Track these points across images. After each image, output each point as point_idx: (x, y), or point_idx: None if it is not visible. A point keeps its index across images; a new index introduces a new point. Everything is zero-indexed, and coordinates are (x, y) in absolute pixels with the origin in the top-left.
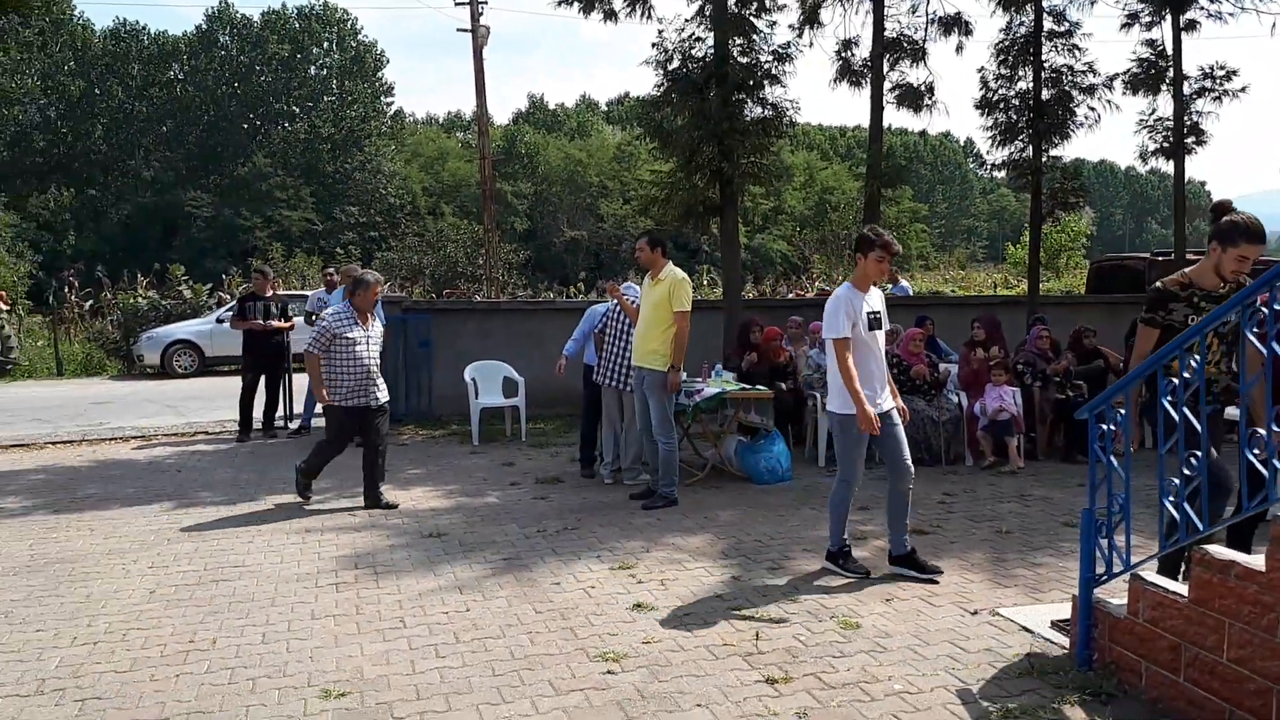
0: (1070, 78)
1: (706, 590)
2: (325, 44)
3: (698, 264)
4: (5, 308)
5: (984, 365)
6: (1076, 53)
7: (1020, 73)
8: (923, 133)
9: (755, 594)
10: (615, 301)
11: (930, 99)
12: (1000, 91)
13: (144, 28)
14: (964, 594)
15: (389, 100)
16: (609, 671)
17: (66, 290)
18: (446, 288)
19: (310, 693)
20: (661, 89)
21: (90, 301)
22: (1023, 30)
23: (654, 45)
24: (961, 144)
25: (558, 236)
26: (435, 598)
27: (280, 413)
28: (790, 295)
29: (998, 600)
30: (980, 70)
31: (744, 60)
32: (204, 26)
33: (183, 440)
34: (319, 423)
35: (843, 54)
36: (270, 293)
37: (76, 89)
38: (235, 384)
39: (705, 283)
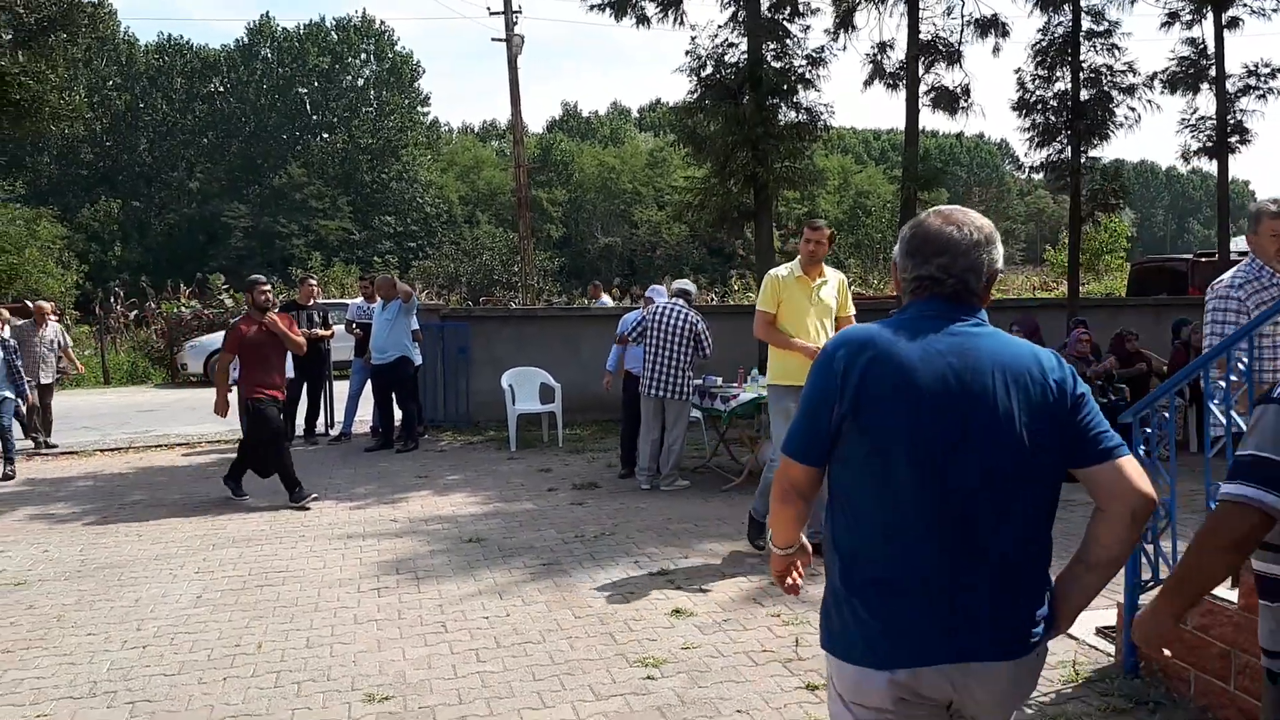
0: (1109, 77)
1: (745, 596)
2: (363, 55)
3: (731, 268)
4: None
5: None
6: (1116, 52)
7: (1058, 73)
8: (959, 135)
9: (794, 600)
10: (654, 308)
11: (966, 101)
12: (1038, 93)
13: (187, 42)
14: None
15: (425, 110)
16: (649, 677)
17: (113, 300)
18: (483, 295)
19: (354, 696)
20: (695, 95)
21: (135, 311)
22: (1060, 30)
23: (687, 53)
24: (997, 145)
25: (591, 243)
26: (475, 602)
27: (321, 420)
28: None
29: None
30: (1017, 71)
31: (777, 65)
32: (245, 40)
33: (227, 447)
34: (360, 429)
35: (877, 57)
36: (311, 301)
37: (122, 103)
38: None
39: (738, 288)
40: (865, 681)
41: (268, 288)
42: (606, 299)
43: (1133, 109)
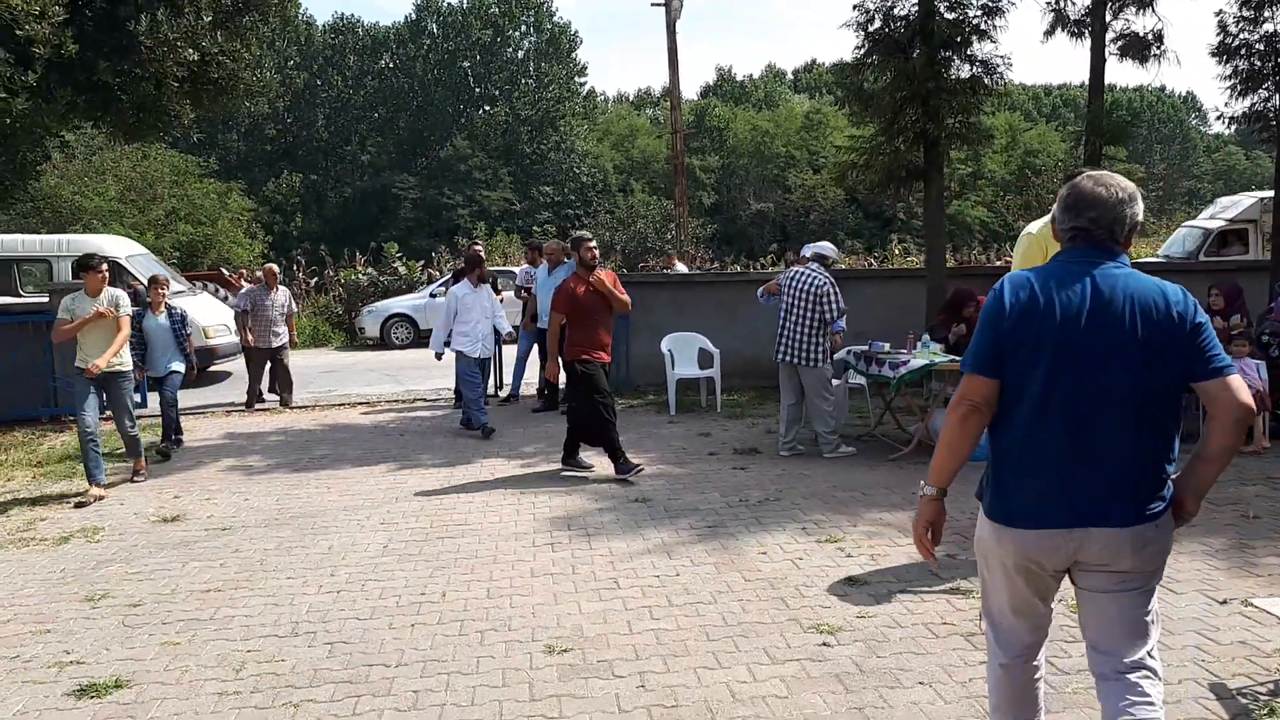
0: None
1: (920, 567)
2: (523, 27)
3: (891, 232)
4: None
5: (1224, 335)
6: None
7: (1267, 13)
8: (1139, 88)
9: (972, 572)
10: (789, 271)
11: (1159, 48)
12: (1242, 35)
13: (359, 20)
14: (1209, 582)
15: (582, 81)
16: (824, 644)
17: (295, 268)
18: (640, 263)
19: (534, 647)
20: (862, 51)
21: (316, 279)
22: None
23: (855, 7)
24: (1181, 99)
25: (744, 209)
26: (645, 560)
27: (491, 382)
28: (999, 262)
29: (1248, 590)
30: (1219, 14)
31: (950, 16)
32: (413, 17)
33: (403, 406)
34: (527, 391)
35: (1059, 4)
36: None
37: (301, 81)
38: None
39: (898, 251)
40: (1003, 536)
41: (594, 244)
42: (681, 267)
43: None
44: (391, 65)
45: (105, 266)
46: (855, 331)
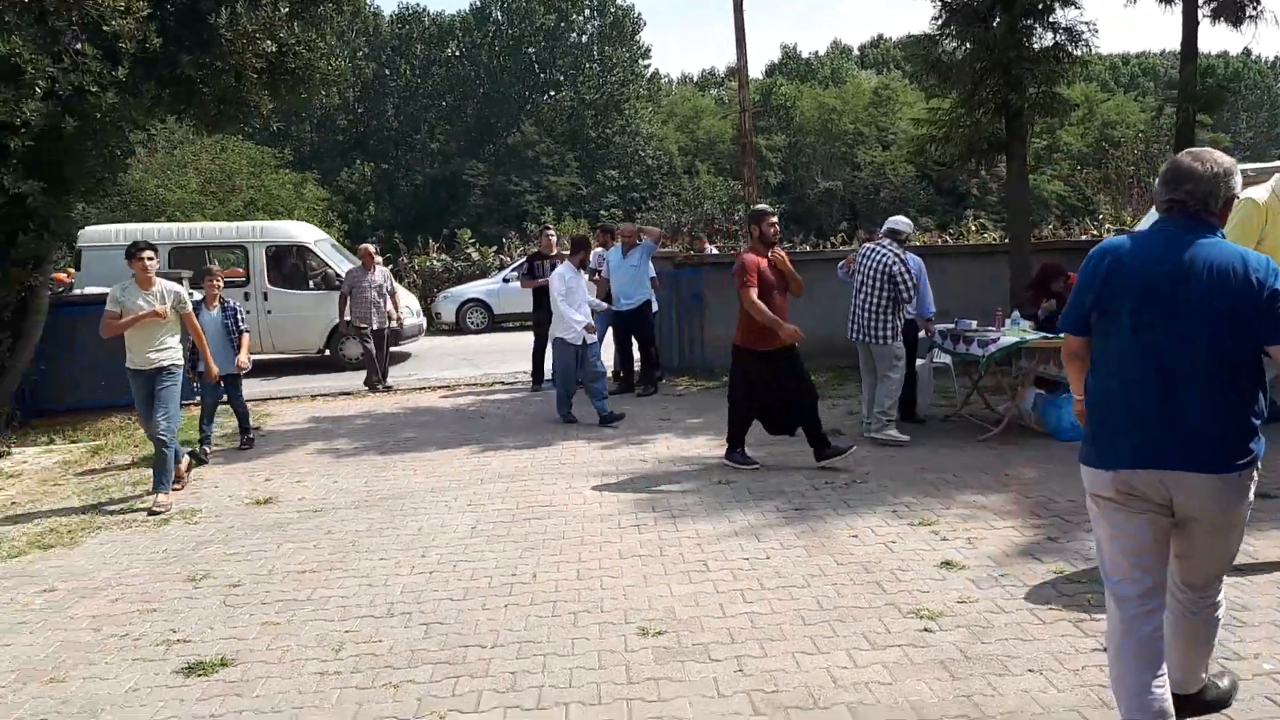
0: None
1: (1020, 551)
2: (586, 11)
3: (965, 208)
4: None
5: None
6: None
7: None
8: (1222, 54)
9: (1077, 557)
10: (862, 248)
11: (1255, 8)
12: None
13: (424, 9)
14: None
15: (646, 64)
16: (926, 629)
17: None
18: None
19: (628, 630)
20: (939, 21)
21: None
22: None
23: None
24: (1269, 65)
25: (811, 188)
26: (733, 543)
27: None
28: (1084, 237)
29: None
30: None
31: None
32: (478, 4)
33: (482, 390)
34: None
35: None
36: (555, 252)
37: (370, 71)
38: (522, 339)
39: (974, 228)
40: (1098, 478)
41: (775, 219)
42: (711, 249)
43: None
44: (457, 53)
45: (150, 254)
46: (938, 310)
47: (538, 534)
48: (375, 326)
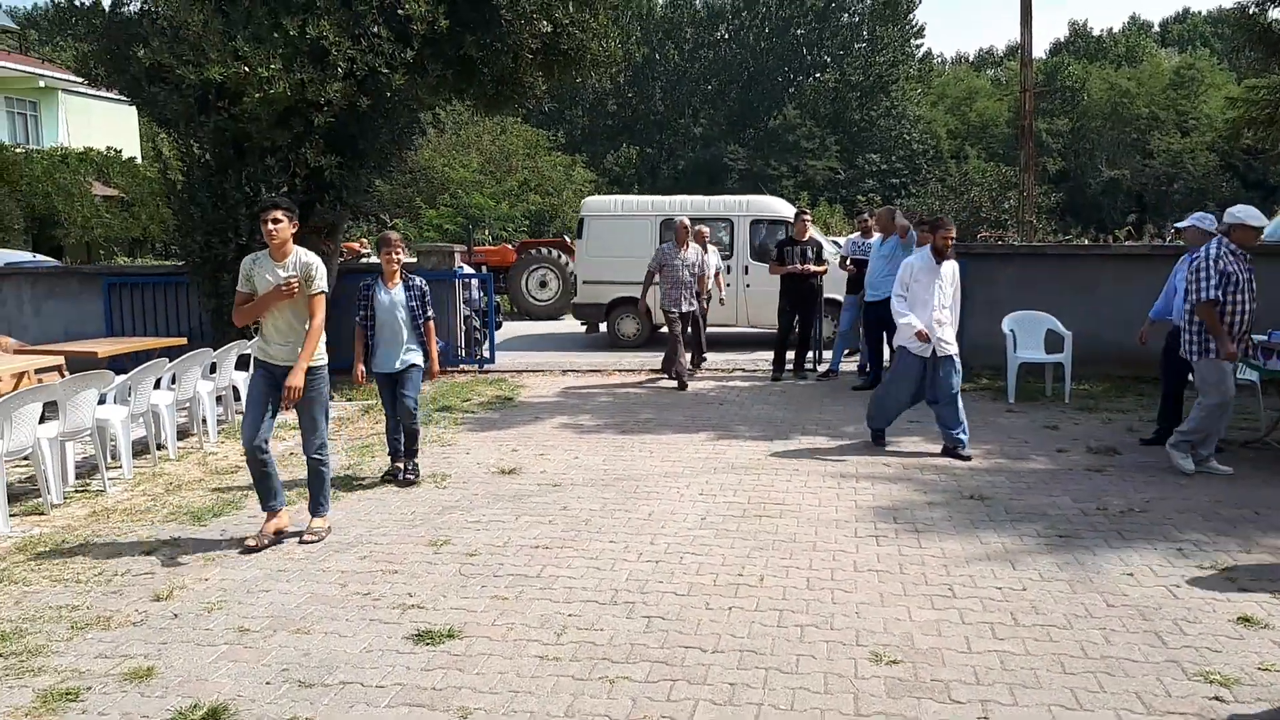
0: None
1: None
2: None
3: (1275, 203)
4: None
5: None
6: None
7: None
8: None
9: None
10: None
11: None
12: None
13: None
14: None
15: (919, 43)
16: (1216, 697)
17: None
18: (976, 233)
19: (859, 653)
20: None
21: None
22: None
23: None
24: None
25: (1095, 177)
26: (984, 567)
27: (810, 355)
28: None
29: None
30: None
31: None
32: None
33: (721, 375)
34: (848, 367)
35: None
36: (806, 237)
37: (640, 55)
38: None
39: None
40: None
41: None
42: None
43: None
44: (726, 36)
45: (280, 214)
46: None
47: (768, 533)
48: (684, 310)
